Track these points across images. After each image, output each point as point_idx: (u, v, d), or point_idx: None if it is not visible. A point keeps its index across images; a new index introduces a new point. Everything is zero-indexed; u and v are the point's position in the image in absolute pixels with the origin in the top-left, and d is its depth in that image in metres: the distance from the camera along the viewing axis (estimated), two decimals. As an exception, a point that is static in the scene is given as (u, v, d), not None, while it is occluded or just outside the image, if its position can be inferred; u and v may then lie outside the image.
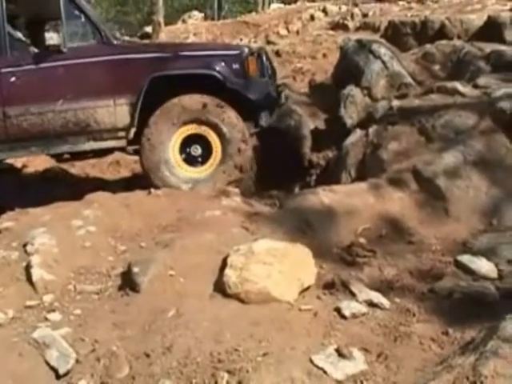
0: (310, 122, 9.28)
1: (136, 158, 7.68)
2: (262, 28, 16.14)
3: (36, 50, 7.33)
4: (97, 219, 5.37)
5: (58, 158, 8.72)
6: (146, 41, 14.96)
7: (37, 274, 4.65)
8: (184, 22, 16.65)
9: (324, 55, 14.06)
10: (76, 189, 7.69)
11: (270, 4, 19.15)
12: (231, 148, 6.94)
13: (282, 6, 19.76)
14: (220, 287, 4.32)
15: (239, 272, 4.29)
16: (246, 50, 7.33)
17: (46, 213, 5.77)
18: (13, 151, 7.25)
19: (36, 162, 9.69)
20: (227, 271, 4.33)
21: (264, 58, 7.52)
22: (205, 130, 6.99)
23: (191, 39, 15.22)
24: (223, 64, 7.05)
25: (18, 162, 9.78)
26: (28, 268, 4.71)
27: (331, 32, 16.02)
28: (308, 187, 7.56)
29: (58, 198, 6.37)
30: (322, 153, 8.65)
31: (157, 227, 5.49)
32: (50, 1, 7.39)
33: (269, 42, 14.85)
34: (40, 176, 9.52)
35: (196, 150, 7.06)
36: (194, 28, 15.91)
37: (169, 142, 6.96)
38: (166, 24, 15.84)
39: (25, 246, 4.94)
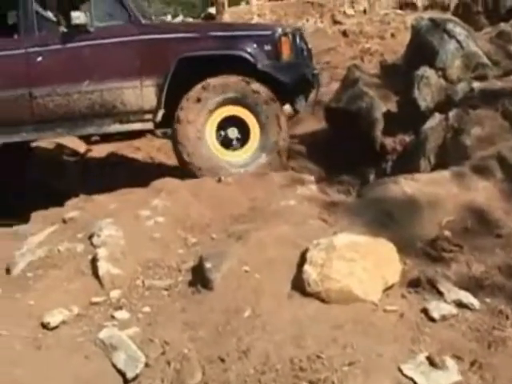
0: (382, 105, 8.85)
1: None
2: (327, 8, 15.70)
3: (64, 30, 7.11)
4: (165, 209, 5.10)
5: (87, 139, 8.56)
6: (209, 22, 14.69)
7: (103, 267, 4.40)
8: (247, 2, 16.33)
9: (392, 35, 13.61)
10: (141, 174, 7.47)
11: (333, -17, 18.57)
12: (269, 130, 6.65)
13: (346, -16, 19.18)
14: (298, 285, 4.00)
15: (320, 269, 3.96)
16: (280, 30, 6.99)
17: (112, 201, 5.56)
18: (39, 132, 7.13)
19: (99, 147, 9.49)
20: (306, 268, 4.00)
21: (298, 39, 7.17)
22: (241, 112, 6.70)
23: (255, 20, 14.88)
24: (254, 45, 6.76)
25: (80, 146, 9.61)
26: (94, 261, 4.47)
27: (399, 11, 15.50)
28: (383, 174, 7.19)
29: (123, 184, 6.15)
30: (396, 137, 8.23)
31: (228, 217, 5.20)
32: None
33: (335, 22, 14.43)
34: (103, 161, 9.32)
35: (233, 133, 6.78)
36: (257, 9, 15.57)
37: (203, 125, 6.69)
38: (230, 5, 15.52)
39: (90, 237, 4.70)
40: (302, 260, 4.10)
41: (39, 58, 6.93)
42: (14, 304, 4.21)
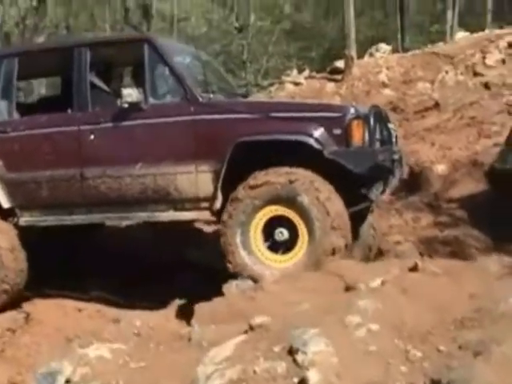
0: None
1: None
2: (458, 59, 14.59)
3: (116, 107, 6.59)
4: (377, 313, 4.04)
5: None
6: (336, 77, 13.90)
7: (318, 397, 3.36)
8: (371, 55, 15.45)
9: (538, 86, 12.40)
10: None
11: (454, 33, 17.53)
12: (321, 232, 5.81)
13: (467, 34, 18.10)
14: None
15: None
16: (351, 111, 6.07)
17: (290, 292, 4.58)
18: (89, 216, 6.76)
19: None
20: None
21: (374, 120, 6.22)
22: (289, 212, 5.94)
23: (384, 73, 13.95)
24: (321, 129, 5.95)
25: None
26: (303, 387, 3.44)
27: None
28: None
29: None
30: None
31: (452, 322, 4.11)
32: (133, 51, 6.87)
33: (475, 74, 13.31)
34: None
35: (281, 235, 6.06)
36: (384, 61, 14.64)
37: (249, 224, 6.06)
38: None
39: (291, 352, 3.67)
40: None
41: (91, 137, 6.59)
42: None
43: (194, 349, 4.07)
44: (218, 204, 6.25)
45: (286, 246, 6.05)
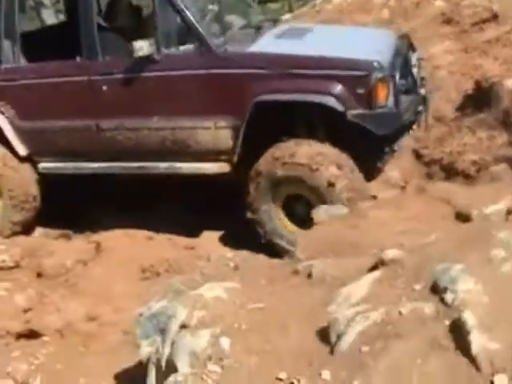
0: None
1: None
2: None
3: (128, 57, 6.34)
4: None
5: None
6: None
7: (476, 341, 3.03)
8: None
9: None
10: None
11: None
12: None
13: None
14: None
15: None
16: (377, 68, 5.75)
17: (412, 227, 4.22)
18: (109, 164, 6.73)
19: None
20: None
21: (397, 76, 6.02)
22: (305, 191, 5.92)
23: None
24: (344, 88, 5.70)
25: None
26: (456, 330, 3.11)
27: None
28: None
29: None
30: None
31: None
32: None
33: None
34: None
35: (300, 210, 6.09)
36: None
37: (272, 194, 6.12)
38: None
39: (435, 291, 3.34)
40: None
41: (104, 88, 6.46)
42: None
43: (318, 286, 3.74)
44: (237, 157, 6.19)
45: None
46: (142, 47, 6.02)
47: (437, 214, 4.76)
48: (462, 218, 4.60)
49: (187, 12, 6.17)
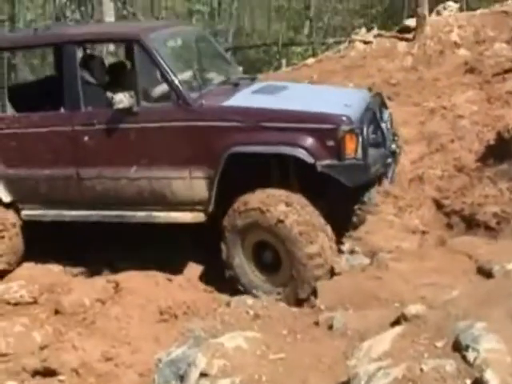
0: None
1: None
2: (532, 16, 13.88)
3: (108, 109, 6.42)
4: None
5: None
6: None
7: (499, 404, 3.02)
8: (438, 13, 14.72)
9: None
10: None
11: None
12: (301, 256, 5.74)
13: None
14: None
15: None
16: (345, 122, 5.82)
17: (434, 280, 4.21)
18: (89, 213, 6.78)
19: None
20: None
21: (365, 130, 5.98)
22: (265, 235, 5.97)
23: (455, 32, 13.35)
24: (314, 141, 5.79)
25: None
26: (478, 390, 3.10)
27: None
28: None
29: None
30: None
31: None
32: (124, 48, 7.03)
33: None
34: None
35: (267, 258, 6.09)
36: (454, 20, 13.95)
37: (240, 246, 6.14)
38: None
39: (457, 349, 3.32)
40: None
41: (85, 138, 6.58)
42: None
43: (339, 339, 3.73)
44: (211, 207, 6.28)
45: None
46: (122, 100, 6.21)
47: (458, 267, 4.76)
48: (484, 273, 4.59)
49: (166, 67, 6.36)
